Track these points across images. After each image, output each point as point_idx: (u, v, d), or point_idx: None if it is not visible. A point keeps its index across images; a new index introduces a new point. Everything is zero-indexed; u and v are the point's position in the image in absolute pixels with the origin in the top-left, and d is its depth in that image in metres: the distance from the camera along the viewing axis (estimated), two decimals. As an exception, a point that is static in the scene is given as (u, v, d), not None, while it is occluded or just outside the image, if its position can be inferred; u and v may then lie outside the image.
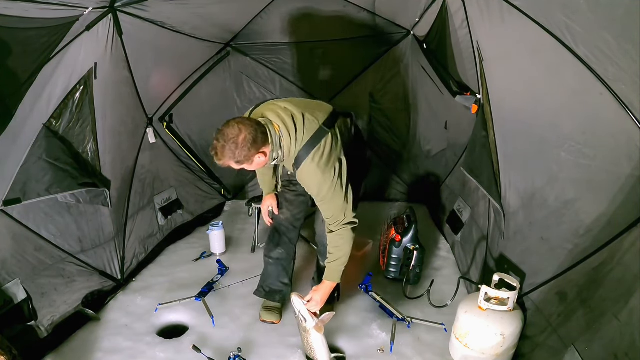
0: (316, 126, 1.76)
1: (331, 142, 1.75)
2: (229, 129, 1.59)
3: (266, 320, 2.30)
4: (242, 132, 1.58)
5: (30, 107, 1.87)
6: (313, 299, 1.93)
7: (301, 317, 1.90)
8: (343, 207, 1.81)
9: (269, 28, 3.34)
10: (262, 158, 1.69)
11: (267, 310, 2.32)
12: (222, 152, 1.60)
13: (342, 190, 1.78)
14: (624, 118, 1.22)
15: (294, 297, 1.93)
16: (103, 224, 2.47)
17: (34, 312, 2.01)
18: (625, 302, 1.32)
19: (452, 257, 2.92)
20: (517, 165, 1.94)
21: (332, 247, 1.90)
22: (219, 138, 1.61)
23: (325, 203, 1.81)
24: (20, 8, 1.60)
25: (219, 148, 1.60)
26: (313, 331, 1.89)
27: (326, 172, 1.74)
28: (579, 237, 1.54)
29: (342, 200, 1.80)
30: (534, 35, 1.47)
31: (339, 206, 1.80)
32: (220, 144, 1.59)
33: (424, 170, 3.71)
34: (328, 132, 1.76)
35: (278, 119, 1.72)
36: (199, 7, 2.53)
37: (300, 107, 1.80)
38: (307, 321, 1.88)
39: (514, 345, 1.84)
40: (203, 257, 2.99)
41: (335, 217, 1.83)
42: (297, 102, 1.87)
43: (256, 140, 1.61)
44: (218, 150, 1.61)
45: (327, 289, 1.95)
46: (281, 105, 1.78)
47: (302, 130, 1.73)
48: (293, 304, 1.94)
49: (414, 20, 3.05)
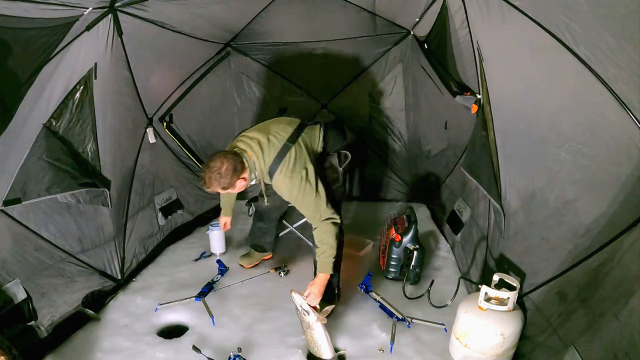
0: (280, 144, 2.08)
1: (295, 154, 2.06)
2: (214, 162, 1.94)
3: (241, 263, 2.86)
4: (224, 164, 1.92)
5: (30, 107, 1.87)
6: (311, 293, 2.03)
7: (304, 311, 1.94)
8: (315, 206, 2.06)
9: (269, 28, 3.34)
10: (243, 182, 2.03)
11: (246, 257, 2.88)
12: (209, 181, 1.94)
13: (312, 192, 2.04)
14: (624, 118, 1.22)
15: (294, 294, 1.96)
16: (103, 224, 2.47)
17: (34, 312, 2.01)
18: (625, 302, 1.32)
19: (452, 257, 2.92)
20: (517, 165, 1.94)
21: (317, 242, 2.11)
22: (205, 170, 1.95)
23: (298, 205, 2.09)
24: (20, 8, 1.60)
25: (207, 179, 1.94)
26: (317, 325, 1.94)
27: (293, 179, 2.02)
28: (579, 237, 1.54)
29: (312, 200, 2.05)
30: (534, 35, 1.47)
31: (312, 206, 2.06)
32: (207, 175, 1.94)
33: (424, 170, 3.71)
34: (292, 146, 2.07)
35: (249, 147, 2.06)
36: (199, 7, 2.54)
37: (266, 131, 2.13)
38: (310, 314, 1.93)
39: (514, 345, 1.84)
40: (203, 257, 3.00)
41: (312, 215, 2.08)
42: (264, 127, 2.18)
43: (236, 169, 1.95)
44: (206, 180, 1.95)
45: (322, 280, 2.08)
46: (249, 135, 2.12)
47: (269, 151, 2.06)
48: (294, 300, 1.96)
49: (414, 20, 3.05)
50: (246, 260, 2.89)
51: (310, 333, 1.97)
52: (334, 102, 3.78)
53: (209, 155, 2.01)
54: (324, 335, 1.96)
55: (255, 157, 2.05)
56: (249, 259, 2.90)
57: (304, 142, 2.14)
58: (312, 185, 2.04)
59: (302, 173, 2.04)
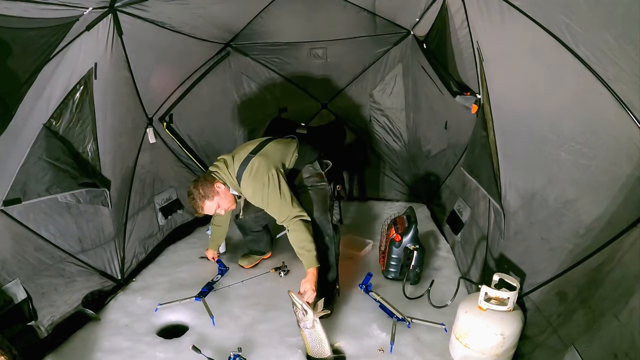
0: (244, 156, 2.29)
1: (258, 162, 2.23)
2: (188, 190, 2.26)
3: (240, 263, 2.88)
4: (196, 186, 2.23)
5: (30, 107, 1.87)
6: (306, 290, 2.06)
7: (302, 310, 1.94)
8: (281, 206, 2.19)
9: (269, 28, 3.34)
10: (226, 195, 2.29)
11: (245, 257, 2.92)
12: (195, 203, 2.23)
13: (276, 193, 2.18)
14: (624, 118, 1.22)
15: (292, 294, 1.97)
16: (103, 224, 2.47)
17: (34, 312, 2.01)
18: (625, 302, 1.32)
19: (452, 257, 2.92)
20: (517, 165, 1.94)
21: (293, 240, 2.21)
22: (189, 201, 2.27)
23: (266, 207, 2.24)
24: (20, 8, 1.60)
25: (193, 205, 2.25)
26: (317, 323, 1.95)
27: (257, 182, 2.20)
28: (579, 237, 1.54)
29: (278, 201, 2.18)
30: (534, 35, 1.47)
31: (277, 207, 2.20)
32: (191, 202, 2.26)
33: (424, 170, 3.71)
34: (253, 156, 2.27)
35: (215, 167, 2.35)
36: (199, 7, 2.54)
37: (231, 152, 2.38)
38: (309, 312, 1.94)
39: (514, 345, 1.84)
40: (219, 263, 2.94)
41: (280, 216, 2.21)
42: (233, 150, 2.42)
43: (207, 182, 2.23)
44: (194, 206, 2.26)
45: (313, 276, 2.12)
46: (218, 159, 2.39)
47: (232, 163, 2.30)
48: (293, 299, 1.96)
49: (414, 20, 3.05)
50: (246, 261, 2.90)
51: (311, 333, 1.97)
52: (334, 102, 3.78)
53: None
54: (323, 333, 1.97)
55: (221, 172, 2.29)
56: (249, 259, 2.92)
57: (267, 152, 2.33)
58: (275, 187, 2.18)
59: (265, 177, 2.19)
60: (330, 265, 2.37)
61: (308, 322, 1.95)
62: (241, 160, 2.28)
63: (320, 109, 3.81)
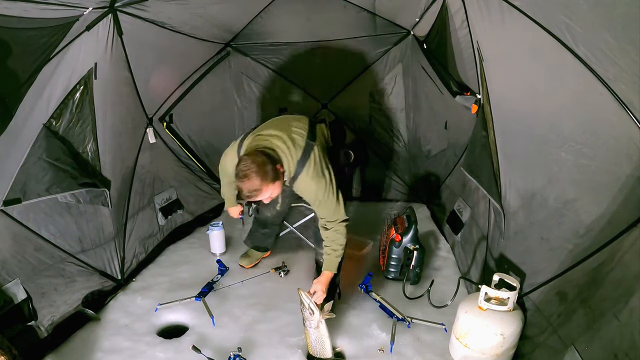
0: (303, 143, 2.00)
1: (318, 154, 1.99)
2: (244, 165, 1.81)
3: (240, 264, 2.83)
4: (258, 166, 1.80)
5: (30, 107, 1.87)
6: (317, 291, 2.05)
7: (309, 309, 1.94)
8: (336, 207, 2.04)
9: (269, 28, 3.34)
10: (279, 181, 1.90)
11: (245, 257, 2.86)
12: (251, 187, 1.80)
13: (334, 194, 2.01)
14: (624, 118, 1.22)
15: (301, 292, 1.97)
16: (103, 224, 2.47)
17: (34, 312, 2.01)
18: (625, 302, 1.32)
19: (452, 257, 2.92)
20: (517, 165, 1.94)
21: (329, 242, 2.10)
22: (238, 179, 1.82)
23: (320, 206, 2.05)
24: (20, 8, 1.60)
25: (245, 187, 1.81)
26: (322, 324, 1.96)
27: (319, 181, 1.97)
28: (579, 237, 1.55)
29: (334, 202, 2.03)
30: (534, 35, 1.47)
31: (333, 207, 2.04)
32: (243, 183, 1.80)
33: (424, 170, 3.71)
34: (314, 144, 2.01)
35: (276, 146, 1.95)
36: (199, 7, 2.54)
37: (283, 129, 2.02)
38: (315, 313, 1.94)
39: (514, 345, 1.84)
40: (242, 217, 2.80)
41: (330, 216, 2.06)
42: (279, 125, 2.08)
43: (270, 165, 1.84)
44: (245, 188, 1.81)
45: (327, 279, 2.09)
46: (270, 133, 2.00)
47: (294, 149, 1.96)
48: (301, 298, 1.97)
49: (414, 20, 3.05)
50: (246, 260, 2.88)
51: (315, 332, 1.98)
52: (334, 102, 3.78)
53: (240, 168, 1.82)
54: (327, 334, 1.98)
55: (285, 155, 1.93)
56: (249, 259, 2.89)
57: (319, 140, 2.09)
58: (333, 188, 2.01)
59: (326, 175, 1.99)
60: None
61: (313, 322, 1.95)
62: (302, 149, 1.96)
63: (320, 109, 3.80)
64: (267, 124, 2.14)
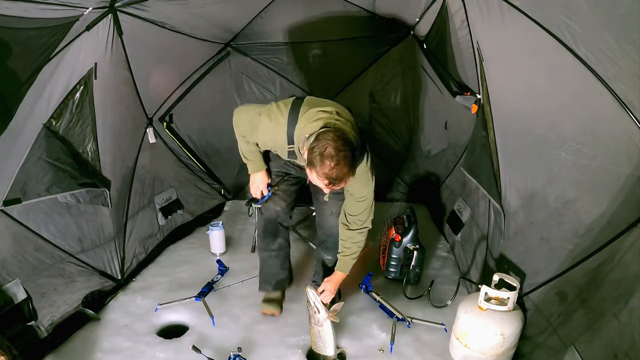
0: (356, 129, 1.74)
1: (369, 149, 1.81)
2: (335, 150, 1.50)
3: (267, 312, 2.24)
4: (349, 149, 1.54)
5: (30, 107, 1.87)
6: (326, 290, 2.02)
7: (315, 308, 1.94)
8: (371, 209, 1.93)
9: (269, 28, 3.34)
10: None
11: (270, 303, 2.27)
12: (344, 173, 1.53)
13: (373, 194, 1.91)
14: (624, 118, 1.22)
15: (309, 289, 1.96)
16: (103, 224, 2.47)
17: (34, 312, 2.01)
18: (625, 302, 1.32)
19: (452, 257, 2.92)
20: (517, 165, 1.94)
21: (350, 243, 2.00)
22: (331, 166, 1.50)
23: (363, 202, 1.89)
24: (20, 8, 1.60)
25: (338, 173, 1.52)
26: (327, 322, 1.95)
27: (372, 174, 1.85)
28: (579, 237, 1.55)
29: (372, 202, 1.92)
30: (534, 35, 1.47)
31: (371, 205, 1.91)
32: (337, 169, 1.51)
33: (424, 170, 3.71)
34: (365, 134, 1.81)
35: (346, 132, 1.63)
36: (199, 7, 2.53)
37: (345, 112, 1.79)
38: (321, 312, 1.93)
39: (514, 345, 1.84)
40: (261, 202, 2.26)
41: (364, 217, 1.93)
42: (337, 106, 1.83)
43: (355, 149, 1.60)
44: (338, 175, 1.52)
45: (339, 279, 2.05)
46: (337, 115, 1.70)
47: (358, 139, 1.70)
48: (308, 295, 1.96)
49: (414, 20, 3.05)
50: (272, 306, 2.28)
51: (318, 330, 1.98)
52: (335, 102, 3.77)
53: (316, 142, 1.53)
54: (331, 333, 1.97)
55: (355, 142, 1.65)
56: (274, 303, 2.29)
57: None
58: (373, 187, 1.89)
59: (373, 167, 1.85)
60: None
61: (318, 320, 1.95)
62: (359, 137, 1.73)
63: (320, 109, 3.80)
64: (320, 101, 1.87)
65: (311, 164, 1.54)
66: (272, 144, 1.92)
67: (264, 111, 1.86)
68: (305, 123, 1.69)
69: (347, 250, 2.01)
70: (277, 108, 1.83)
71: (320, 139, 1.53)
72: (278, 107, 1.84)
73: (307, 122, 1.68)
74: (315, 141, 1.54)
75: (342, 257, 2.05)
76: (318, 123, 1.65)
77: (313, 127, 1.64)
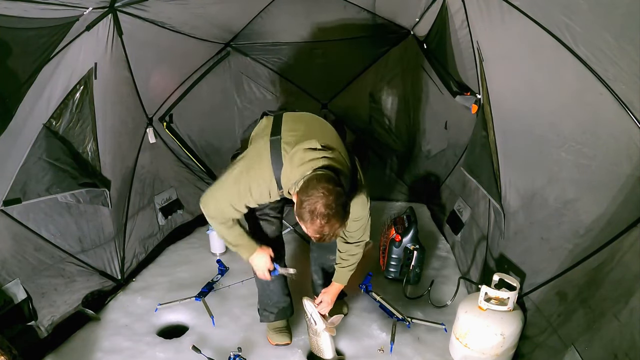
0: (345, 154, 1.63)
1: (360, 165, 1.73)
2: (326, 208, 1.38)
3: (280, 344, 2.11)
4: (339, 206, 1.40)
5: (30, 107, 1.87)
6: (323, 301, 1.99)
7: (312, 320, 1.93)
8: (368, 226, 1.84)
9: (269, 28, 3.34)
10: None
11: (277, 332, 2.13)
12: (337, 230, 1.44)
13: (370, 213, 1.79)
14: (624, 118, 1.22)
15: (306, 300, 1.96)
16: (103, 224, 2.47)
17: (34, 312, 2.01)
18: (625, 302, 1.32)
19: (452, 257, 2.92)
20: (517, 165, 1.94)
21: (347, 255, 1.93)
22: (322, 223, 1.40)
23: (358, 221, 1.77)
24: (20, 8, 1.60)
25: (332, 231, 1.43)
26: (324, 333, 1.94)
27: (366, 203, 1.72)
28: (579, 237, 1.55)
29: (369, 217, 1.80)
30: (534, 35, 1.47)
31: (367, 222, 1.81)
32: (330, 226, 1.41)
33: (424, 170, 3.71)
34: (354, 157, 1.72)
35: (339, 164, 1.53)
36: (199, 7, 2.53)
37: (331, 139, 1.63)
38: (318, 324, 1.92)
39: (514, 345, 1.84)
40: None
41: (361, 232, 1.84)
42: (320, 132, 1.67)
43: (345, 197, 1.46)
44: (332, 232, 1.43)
45: (336, 290, 2.02)
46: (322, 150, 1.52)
47: (348, 167, 1.60)
48: (305, 307, 1.96)
49: (414, 20, 3.05)
50: (281, 335, 2.14)
51: (316, 340, 1.98)
52: (334, 102, 3.77)
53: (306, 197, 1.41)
54: (329, 343, 1.97)
55: (344, 178, 1.53)
56: (284, 333, 2.15)
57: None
58: (369, 207, 1.77)
59: (367, 192, 1.73)
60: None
61: (316, 331, 1.95)
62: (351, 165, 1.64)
63: (320, 109, 3.80)
64: (299, 124, 1.68)
65: (301, 217, 1.43)
66: (267, 194, 1.64)
67: (242, 168, 1.63)
68: (292, 167, 1.52)
69: (345, 262, 1.95)
70: (256, 155, 1.63)
71: (310, 192, 1.39)
72: (257, 153, 1.63)
73: (294, 167, 1.51)
74: (304, 194, 1.41)
75: (339, 269, 1.99)
76: (305, 167, 1.48)
77: (301, 172, 1.48)
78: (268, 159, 1.58)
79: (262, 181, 1.60)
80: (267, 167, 1.58)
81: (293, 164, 1.51)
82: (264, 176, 1.59)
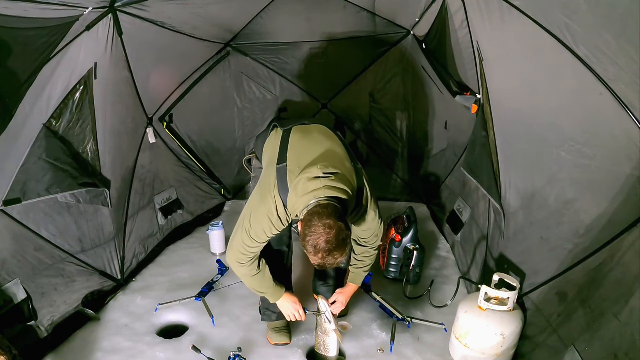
0: (354, 176, 1.67)
1: (367, 179, 1.73)
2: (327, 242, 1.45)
3: (279, 344, 2.12)
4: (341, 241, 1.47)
5: (30, 107, 1.87)
6: (337, 301, 2.02)
7: (326, 318, 1.94)
8: (381, 229, 1.87)
9: (269, 28, 3.34)
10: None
11: (277, 332, 2.14)
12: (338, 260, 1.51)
13: (381, 221, 1.84)
14: (624, 118, 1.22)
15: (321, 299, 1.96)
16: (103, 224, 2.47)
17: (34, 312, 2.01)
18: (625, 302, 1.32)
19: (452, 257, 2.92)
20: (517, 165, 1.94)
21: (363, 257, 1.99)
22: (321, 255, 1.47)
23: (368, 231, 1.83)
24: (20, 8, 1.60)
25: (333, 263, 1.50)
26: (333, 333, 1.95)
27: (376, 216, 1.77)
28: (579, 237, 1.55)
29: (380, 224, 1.84)
30: (534, 35, 1.47)
31: (379, 229, 1.85)
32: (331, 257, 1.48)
33: (424, 170, 3.71)
34: (362, 171, 1.74)
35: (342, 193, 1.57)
36: (199, 7, 2.53)
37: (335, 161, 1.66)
38: (331, 323, 1.93)
39: (514, 345, 1.84)
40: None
41: (373, 239, 1.89)
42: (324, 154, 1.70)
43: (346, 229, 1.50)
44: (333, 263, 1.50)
45: (351, 291, 2.06)
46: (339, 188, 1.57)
47: (354, 189, 1.64)
48: (319, 305, 1.96)
49: (414, 20, 3.05)
50: (281, 335, 2.14)
51: (324, 339, 1.98)
52: (334, 102, 3.78)
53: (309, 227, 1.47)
54: (335, 344, 1.98)
55: (350, 201, 1.61)
56: (283, 332, 2.16)
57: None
58: (379, 219, 1.81)
59: (377, 204, 1.78)
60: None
61: (326, 330, 1.95)
62: (357, 186, 1.68)
63: (320, 109, 3.80)
64: (307, 154, 1.71)
65: (305, 248, 1.51)
66: (284, 221, 1.71)
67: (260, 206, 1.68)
68: (297, 197, 1.58)
69: (360, 263, 2.00)
70: (267, 189, 1.68)
71: (313, 228, 1.46)
72: (268, 186, 1.68)
73: (298, 197, 1.57)
74: (307, 228, 1.47)
75: (354, 270, 2.03)
76: (308, 198, 1.54)
77: (304, 202, 1.54)
78: (277, 188, 1.65)
79: (274, 211, 1.66)
80: (277, 197, 1.65)
81: (297, 193, 1.58)
82: (276, 206, 1.66)
